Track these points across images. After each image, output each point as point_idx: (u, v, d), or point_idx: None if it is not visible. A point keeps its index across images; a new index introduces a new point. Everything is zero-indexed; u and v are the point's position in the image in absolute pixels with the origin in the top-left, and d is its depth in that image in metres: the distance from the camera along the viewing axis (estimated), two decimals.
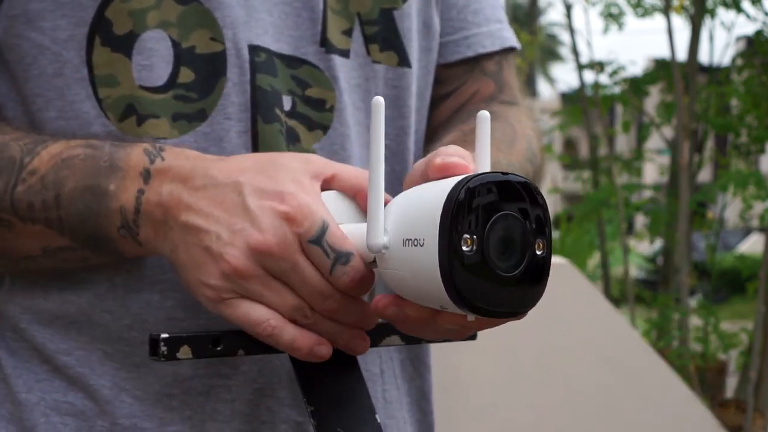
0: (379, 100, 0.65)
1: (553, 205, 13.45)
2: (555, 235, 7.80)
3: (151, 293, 0.78)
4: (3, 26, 0.79)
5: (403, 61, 0.89)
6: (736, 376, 4.97)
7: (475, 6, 0.97)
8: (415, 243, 0.61)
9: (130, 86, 0.78)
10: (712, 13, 4.95)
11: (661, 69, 5.23)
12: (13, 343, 0.81)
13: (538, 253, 0.61)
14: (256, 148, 0.79)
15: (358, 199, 0.74)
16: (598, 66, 5.27)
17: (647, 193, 6.71)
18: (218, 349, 0.70)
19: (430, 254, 0.59)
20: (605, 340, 3.02)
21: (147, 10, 0.78)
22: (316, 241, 0.67)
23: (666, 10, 4.83)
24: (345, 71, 0.85)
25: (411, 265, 0.62)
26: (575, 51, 5.71)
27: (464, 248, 0.58)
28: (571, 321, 2.89)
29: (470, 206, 0.59)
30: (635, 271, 10.55)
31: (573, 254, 6.60)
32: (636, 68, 8.73)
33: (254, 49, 0.80)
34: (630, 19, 5.34)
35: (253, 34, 0.80)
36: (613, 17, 5.30)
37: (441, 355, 1.14)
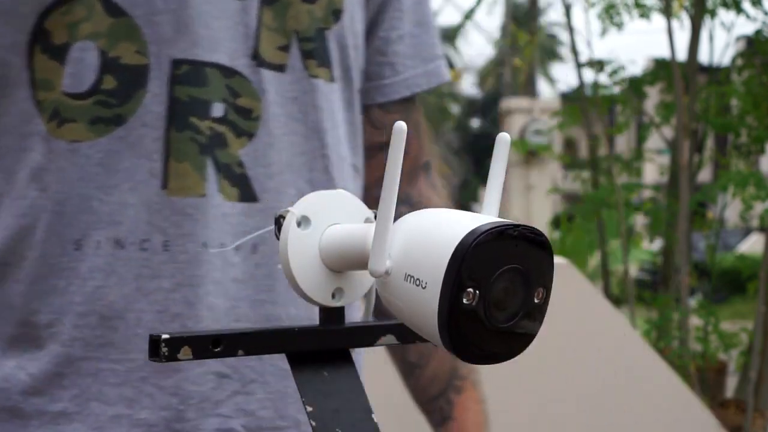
0: (402, 126, 0.64)
1: (553, 205, 13.44)
2: (555, 235, 7.80)
3: (59, 279, 0.88)
4: None
5: (333, 76, 0.97)
6: (736, 376, 4.97)
7: (404, 46, 1.05)
8: (417, 283, 0.62)
9: (59, 92, 0.88)
10: (712, 14, 4.95)
11: (661, 69, 5.22)
12: None
13: (536, 301, 0.63)
14: (168, 153, 0.88)
15: None
16: (597, 65, 5.26)
17: (647, 193, 6.71)
18: (218, 349, 0.70)
19: (430, 300, 0.61)
20: (605, 340, 3.02)
21: (80, 22, 0.87)
22: None
23: (665, 10, 4.82)
24: (278, 84, 0.93)
25: (409, 301, 0.63)
26: (575, 51, 5.70)
27: (465, 301, 0.60)
28: (571, 321, 2.89)
29: (477, 261, 0.59)
30: (635, 272, 10.54)
31: (573, 254, 6.60)
32: (636, 68, 8.73)
33: (177, 63, 0.88)
34: (629, 19, 5.31)
35: (178, 50, 0.89)
36: (611, 18, 5.29)
37: None
